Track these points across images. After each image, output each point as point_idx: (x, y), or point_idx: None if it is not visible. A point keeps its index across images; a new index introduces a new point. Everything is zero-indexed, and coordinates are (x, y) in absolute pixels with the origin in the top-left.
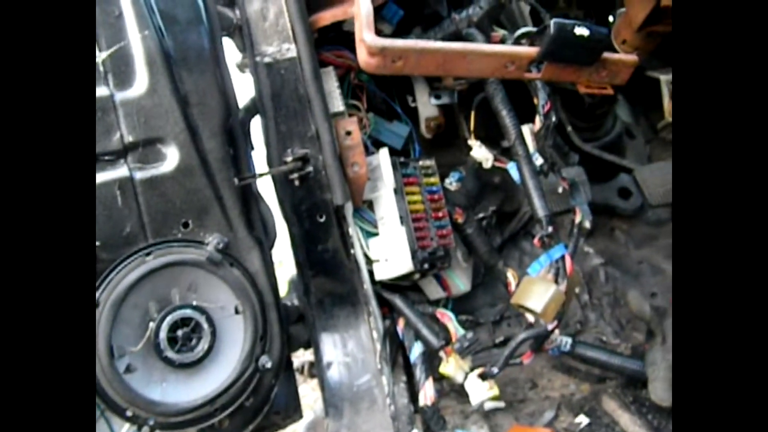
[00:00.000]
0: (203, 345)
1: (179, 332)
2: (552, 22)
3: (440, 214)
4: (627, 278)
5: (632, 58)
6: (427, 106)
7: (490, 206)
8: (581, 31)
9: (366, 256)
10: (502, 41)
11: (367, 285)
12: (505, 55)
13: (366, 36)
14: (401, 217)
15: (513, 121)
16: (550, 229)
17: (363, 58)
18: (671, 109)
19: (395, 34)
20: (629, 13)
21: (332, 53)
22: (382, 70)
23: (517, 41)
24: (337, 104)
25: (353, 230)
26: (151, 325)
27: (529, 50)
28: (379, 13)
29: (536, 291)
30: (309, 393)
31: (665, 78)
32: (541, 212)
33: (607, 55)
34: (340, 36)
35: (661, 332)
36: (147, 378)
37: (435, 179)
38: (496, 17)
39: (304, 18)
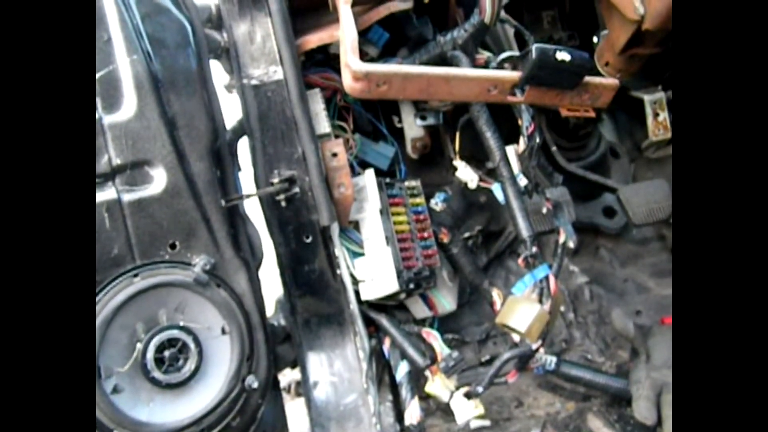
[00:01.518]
0: (190, 365)
1: (166, 353)
2: (534, 47)
3: (426, 235)
4: (612, 296)
5: (613, 81)
6: (412, 127)
7: (475, 226)
8: (563, 56)
9: (352, 276)
10: (487, 63)
11: (353, 305)
12: (488, 80)
13: (351, 61)
14: (387, 238)
15: (497, 142)
16: (534, 249)
17: (348, 82)
18: (655, 128)
19: (381, 56)
20: (611, 36)
21: (319, 75)
22: (367, 95)
23: (500, 65)
24: (324, 126)
25: (339, 251)
26: (138, 345)
27: (512, 74)
28: (365, 35)
29: (521, 311)
30: (296, 412)
31: (649, 98)
32: (525, 233)
33: (588, 78)
34: (327, 58)
35: (645, 350)
36: (134, 398)
37: (420, 200)
38: (481, 40)
39: (291, 41)
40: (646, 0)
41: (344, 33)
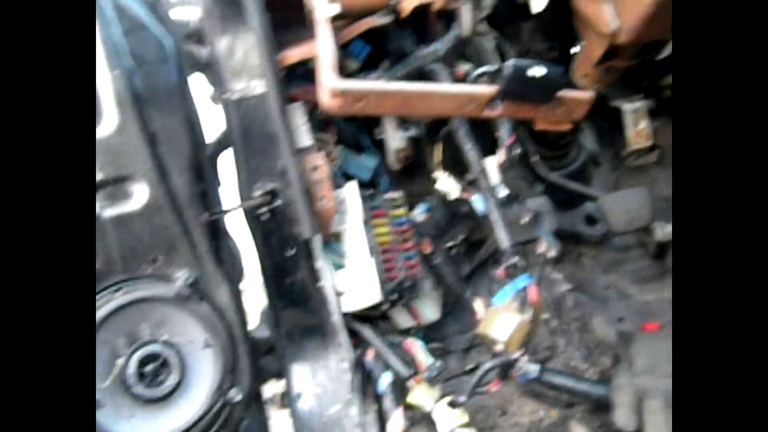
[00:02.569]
0: (172, 380)
1: (148, 367)
2: (508, 63)
3: (408, 245)
4: (594, 304)
5: (588, 95)
6: (395, 138)
7: (459, 235)
8: (536, 71)
9: (335, 287)
10: (466, 76)
11: (336, 316)
12: (464, 95)
13: (328, 78)
14: (369, 249)
15: (475, 155)
16: (514, 259)
17: (325, 99)
18: (635, 137)
19: (363, 69)
20: (587, 49)
21: (301, 89)
22: (345, 111)
23: (476, 79)
24: (306, 139)
25: (322, 262)
26: (120, 361)
27: (487, 90)
28: (346, 49)
29: (501, 321)
30: (282, 423)
31: (628, 107)
32: (504, 243)
33: (563, 92)
34: (309, 71)
35: (627, 357)
36: (115, 414)
37: (403, 211)
38: (461, 52)
39: (272, 56)
40: (619, 14)
41: (321, 50)
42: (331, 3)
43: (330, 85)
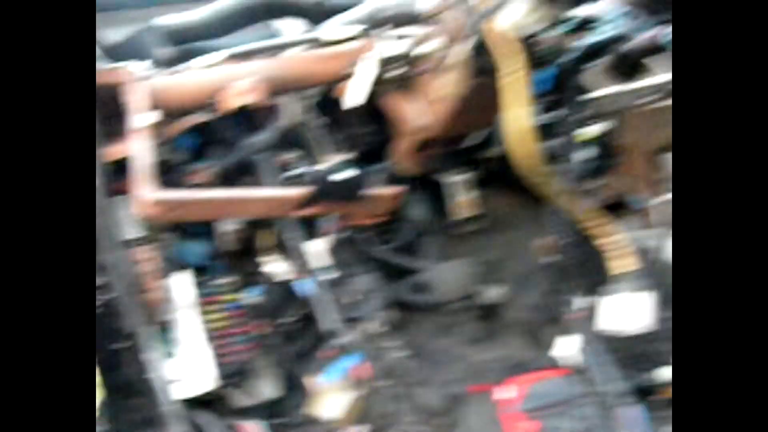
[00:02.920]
0: None
1: None
2: (310, 170)
3: (242, 329)
4: (429, 368)
5: (393, 191)
6: (227, 223)
7: (294, 314)
8: (339, 176)
9: (165, 378)
10: (287, 165)
11: (170, 405)
12: (275, 199)
13: (142, 190)
14: (201, 336)
15: (296, 243)
16: (339, 340)
17: (142, 209)
18: (457, 208)
19: (193, 159)
20: (402, 140)
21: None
22: (163, 219)
23: (286, 182)
24: (133, 231)
25: (151, 354)
26: None
27: (297, 193)
28: (174, 142)
29: (331, 398)
30: None
31: (451, 180)
32: (330, 325)
33: (370, 190)
34: None
35: (459, 419)
36: None
37: (236, 295)
38: (288, 142)
39: (98, 149)
40: (426, 113)
41: (137, 160)
42: (151, 111)
43: (144, 197)
